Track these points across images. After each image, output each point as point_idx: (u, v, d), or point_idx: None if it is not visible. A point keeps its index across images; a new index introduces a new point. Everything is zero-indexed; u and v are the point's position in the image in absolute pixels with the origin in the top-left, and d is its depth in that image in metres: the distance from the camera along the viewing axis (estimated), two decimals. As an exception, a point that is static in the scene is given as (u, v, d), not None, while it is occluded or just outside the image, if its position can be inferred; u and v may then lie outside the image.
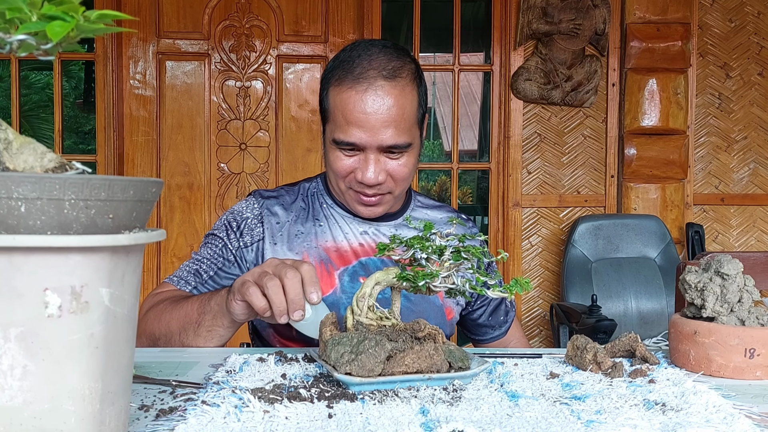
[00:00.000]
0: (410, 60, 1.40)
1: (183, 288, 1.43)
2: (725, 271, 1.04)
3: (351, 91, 1.33)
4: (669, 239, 3.24)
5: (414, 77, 1.38)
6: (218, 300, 1.23)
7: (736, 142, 3.58)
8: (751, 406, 0.87)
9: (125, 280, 0.63)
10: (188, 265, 1.47)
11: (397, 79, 1.34)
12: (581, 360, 1.05)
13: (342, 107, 1.34)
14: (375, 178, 1.36)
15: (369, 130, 1.33)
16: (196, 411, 0.81)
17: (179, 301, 1.32)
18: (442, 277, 0.99)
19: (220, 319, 1.23)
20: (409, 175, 1.41)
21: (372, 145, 1.34)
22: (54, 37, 0.58)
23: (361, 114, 1.32)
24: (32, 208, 0.57)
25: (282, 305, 1.10)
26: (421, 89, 1.40)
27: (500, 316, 1.60)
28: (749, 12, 3.54)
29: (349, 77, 1.34)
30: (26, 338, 0.58)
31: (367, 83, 1.32)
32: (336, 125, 1.36)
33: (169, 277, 1.46)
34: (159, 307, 1.34)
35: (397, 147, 1.35)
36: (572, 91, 3.43)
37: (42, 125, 6.81)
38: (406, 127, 1.35)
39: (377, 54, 1.35)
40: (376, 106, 1.32)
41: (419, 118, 1.41)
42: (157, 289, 1.44)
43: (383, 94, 1.32)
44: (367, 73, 1.33)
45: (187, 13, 3.46)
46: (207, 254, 1.46)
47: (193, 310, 1.27)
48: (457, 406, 0.85)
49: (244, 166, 3.52)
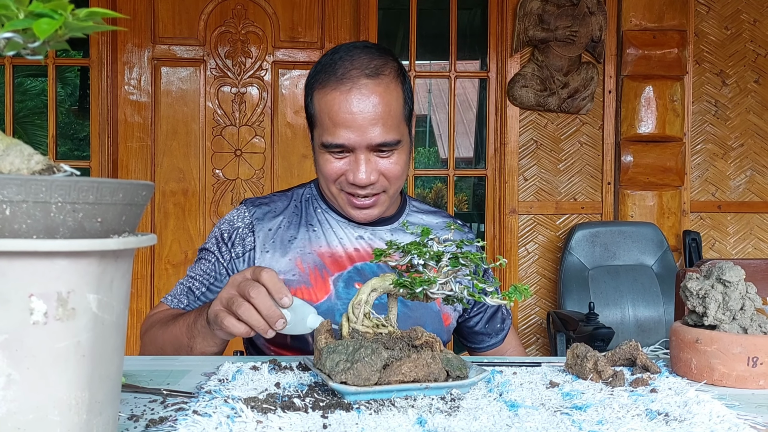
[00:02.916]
0: (392, 59, 1.40)
1: (176, 307, 1.42)
2: (727, 278, 1.02)
3: (335, 93, 1.32)
4: (666, 247, 3.23)
5: (397, 74, 1.38)
6: (203, 323, 1.21)
7: (733, 150, 3.57)
8: (756, 416, 0.85)
9: (114, 286, 0.61)
10: (182, 283, 1.46)
11: (381, 77, 1.33)
12: (581, 369, 1.03)
13: (328, 110, 1.33)
14: (367, 178, 1.34)
15: (356, 129, 1.32)
16: (187, 421, 0.79)
17: (168, 323, 1.31)
18: (440, 284, 0.97)
19: (210, 339, 1.22)
20: (402, 173, 1.40)
21: (361, 144, 1.33)
22: (41, 34, 0.56)
23: (347, 114, 1.31)
24: (18, 211, 0.55)
25: (260, 324, 1.09)
26: (405, 87, 1.40)
27: (497, 324, 1.58)
28: (745, 20, 3.55)
29: (332, 79, 1.33)
30: (10, 346, 0.56)
31: (350, 83, 1.32)
32: (323, 128, 1.35)
33: (165, 297, 1.46)
34: (153, 331, 1.35)
35: (387, 144, 1.34)
36: (569, 98, 3.42)
37: (37, 132, 6.79)
38: (393, 124, 1.34)
39: (359, 54, 1.35)
40: (361, 105, 1.31)
41: (406, 116, 1.40)
42: (153, 310, 1.44)
43: (368, 92, 1.31)
44: (350, 73, 1.32)
45: (182, 19, 3.45)
46: (199, 271, 1.46)
47: (182, 333, 1.26)
48: (455, 415, 0.83)
49: (240, 173, 3.50)
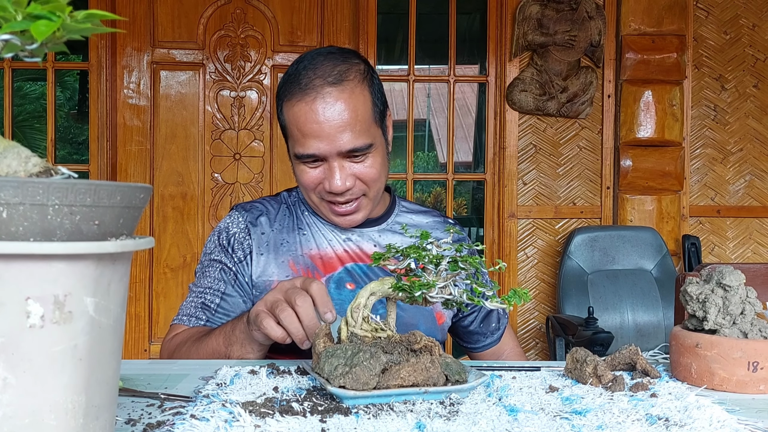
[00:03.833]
0: (358, 61, 1.39)
1: (195, 324, 1.41)
2: (727, 283, 1.02)
3: (301, 104, 1.33)
4: (665, 251, 3.23)
5: (363, 77, 1.37)
6: (242, 328, 1.22)
7: (732, 154, 3.57)
8: (756, 421, 0.84)
9: (111, 289, 0.61)
10: (192, 300, 1.45)
11: (345, 83, 1.33)
12: (581, 373, 1.03)
13: (295, 121, 1.34)
14: (343, 185, 1.35)
15: (325, 138, 1.32)
16: (185, 425, 0.78)
17: (201, 338, 1.31)
18: (439, 288, 0.97)
19: (249, 345, 1.22)
20: (378, 175, 1.39)
21: (332, 152, 1.33)
22: (39, 36, 0.56)
23: (314, 124, 1.32)
24: (14, 213, 0.55)
25: (299, 333, 1.10)
26: (373, 88, 1.39)
27: (492, 323, 1.58)
28: (744, 24, 3.55)
29: (297, 90, 1.34)
30: (6, 349, 0.55)
31: (314, 92, 1.32)
32: (294, 140, 1.36)
33: (178, 318, 1.44)
34: (183, 350, 1.34)
35: (358, 150, 1.34)
36: (568, 102, 3.43)
37: (36, 135, 6.79)
38: (362, 129, 1.34)
39: (321, 62, 1.35)
40: (327, 114, 1.31)
41: (377, 117, 1.39)
42: (169, 335, 1.43)
43: (332, 100, 1.32)
44: (312, 82, 1.33)
45: (182, 23, 3.45)
46: (208, 283, 1.45)
47: (220, 343, 1.26)
48: (454, 420, 0.82)
49: (238, 177, 3.50)
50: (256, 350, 1.23)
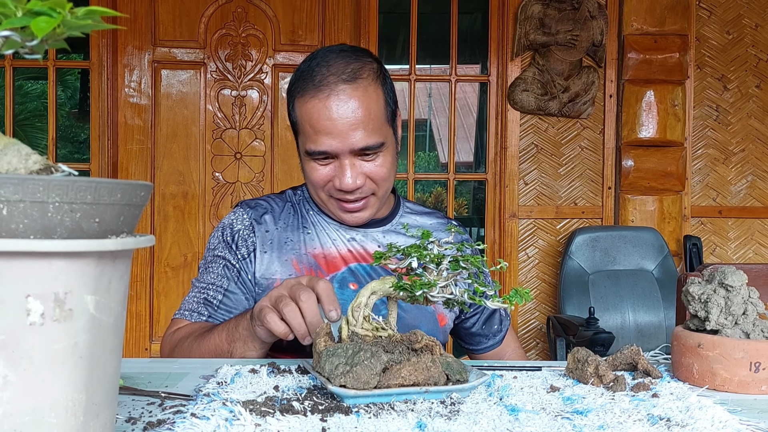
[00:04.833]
0: (371, 60, 1.39)
1: (197, 320, 1.41)
2: (729, 283, 1.02)
3: (314, 100, 1.32)
4: (666, 251, 3.23)
5: (377, 76, 1.37)
6: (245, 325, 1.22)
7: (734, 155, 3.57)
8: (758, 422, 0.84)
9: (112, 287, 0.61)
10: (195, 296, 1.44)
11: (359, 81, 1.33)
12: (582, 373, 1.03)
13: (308, 117, 1.34)
14: (353, 183, 1.35)
15: (338, 135, 1.32)
16: (185, 424, 0.78)
17: (203, 334, 1.31)
18: (440, 287, 0.96)
19: (251, 343, 1.22)
20: (388, 174, 1.39)
21: (344, 150, 1.33)
22: (39, 32, 0.56)
23: (327, 121, 1.31)
24: (14, 210, 0.54)
25: (302, 329, 1.10)
26: (386, 87, 1.39)
27: (494, 325, 1.58)
28: (747, 24, 3.55)
29: (310, 87, 1.33)
30: (6, 347, 0.55)
31: (328, 89, 1.31)
32: (306, 136, 1.36)
33: (179, 313, 1.44)
34: (184, 346, 1.34)
35: (370, 148, 1.34)
36: (569, 102, 3.42)
37: (37, 134, 6.80)
38: (375, 127, 1.34)
39: (335, 59, 1.35)
40: (341, 111, 1.31)
41: (389, 116, 1.39)
42: (170, 328, 1.42)
43: (346, 97, 1.31)
44: (327, 79, 1.32)
45: (183, 22, 3.44)
46: (211, 279, 1.44)
47: (222, 340, 1.26)
48: (455, 420, 0.82)
49: (239, 176, 3.49)
50: (258, 348, 1.23)
